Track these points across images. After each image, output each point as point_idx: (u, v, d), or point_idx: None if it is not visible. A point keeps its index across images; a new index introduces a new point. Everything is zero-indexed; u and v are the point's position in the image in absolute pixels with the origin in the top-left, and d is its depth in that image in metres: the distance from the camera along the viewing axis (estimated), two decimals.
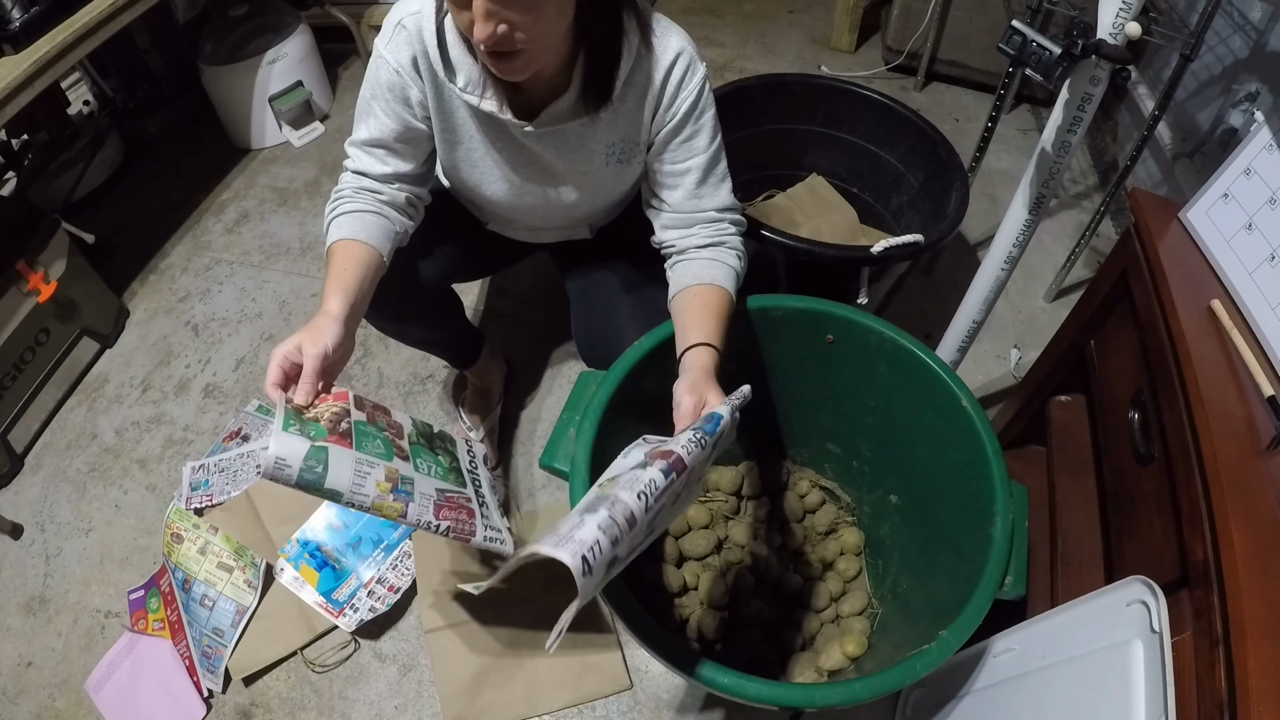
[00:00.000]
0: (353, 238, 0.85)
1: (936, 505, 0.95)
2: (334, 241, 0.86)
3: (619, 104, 0.86)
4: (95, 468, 1.41)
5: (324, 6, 2.13)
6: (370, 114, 0.89)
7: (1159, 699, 0.57)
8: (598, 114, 0.85)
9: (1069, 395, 1.07)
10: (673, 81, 0.86)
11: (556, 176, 0.95)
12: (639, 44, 0.83)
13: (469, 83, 0.84)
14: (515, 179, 0.95)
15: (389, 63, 0.85)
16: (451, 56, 0.83)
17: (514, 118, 0.85)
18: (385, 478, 0.77)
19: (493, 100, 0.84)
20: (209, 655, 1.13)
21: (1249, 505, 0.59)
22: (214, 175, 1.99)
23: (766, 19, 2.42)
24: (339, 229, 0.87)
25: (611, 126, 0.89)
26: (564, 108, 0.85)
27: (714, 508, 1.14)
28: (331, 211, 0.89)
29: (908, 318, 1.53)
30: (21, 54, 1.29)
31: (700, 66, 0.87)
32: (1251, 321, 0.72)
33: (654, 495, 0.60)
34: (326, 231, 0.89)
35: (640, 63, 0.84)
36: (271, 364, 0.74)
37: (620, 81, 0.83)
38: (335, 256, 0.85)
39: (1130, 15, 0.73)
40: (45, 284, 1.42)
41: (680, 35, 0.86)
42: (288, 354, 0.74)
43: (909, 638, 0.84)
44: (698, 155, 0.90)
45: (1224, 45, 1.45)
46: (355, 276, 0.83)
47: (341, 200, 0.89)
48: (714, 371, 0.79)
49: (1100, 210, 1.46)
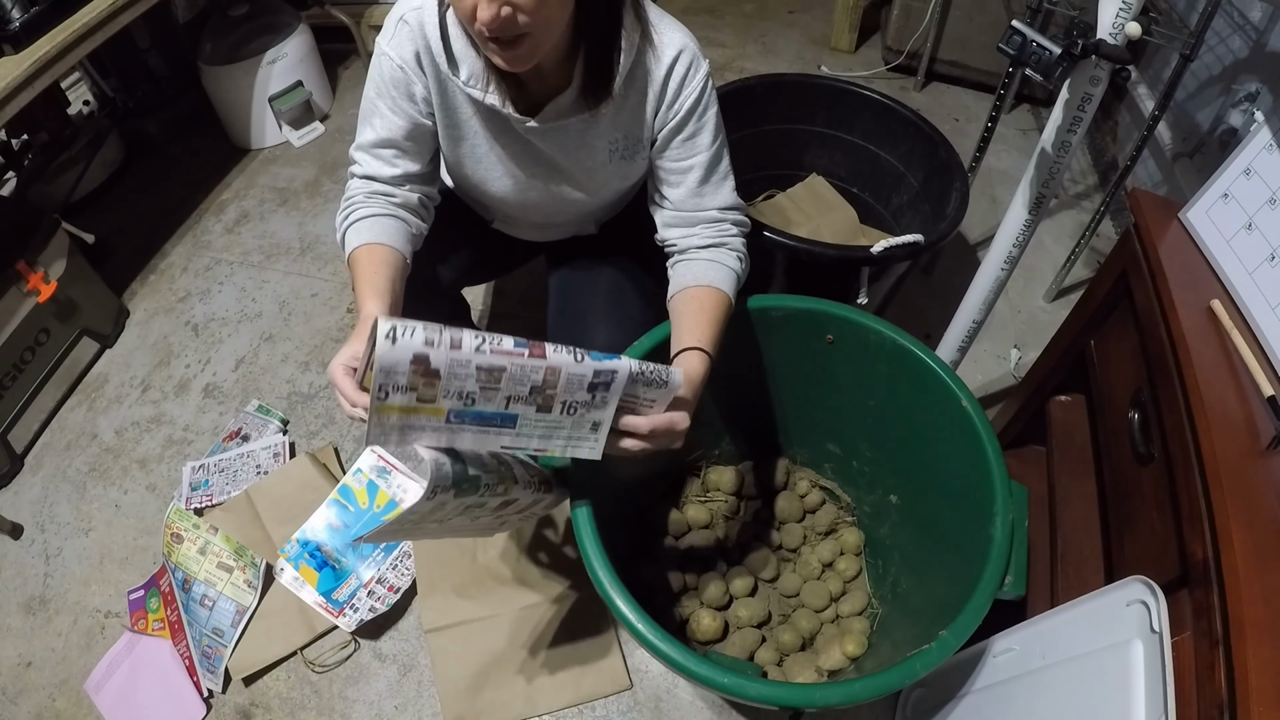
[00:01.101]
0: (375, 242, 0.84)
1: (936, 505, 0.95)
2: (355, 248, 0.85)
3: (621, 100, 0.86)
4: (95, 468, 1.41)
5: (324, 6, 2.13)
6: (376, 113, 0.88)
7: (1159, 699, 0.57)
8: (599, 110, 0.85)
9: (1069, 395, 1.07)
10: (675, 79, 0.86)
11: (560, 172, 0.95)
12: (639, 39, 0.83)
13: (472, 76, 0.83)
14: (520, 175, 0.95)
15: (393, 59, 0.84)
16: (455, 50, 0.83)
17: (515, 113, 0.85)
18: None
19: (496, 95, 0.83)
20: (209, 655, 1.13)
21: (1249, 505, 0.59)
22: (214, 175, 1.99)
23: (766, 19, 2.42)
24: (358, 235, 0.86)
25: (614, 123, 0.89)
26: (566, 104, 0.85)
27: (714, 508, 1.14)
28: (345, 220, 0.88)
29: (908, 318, 1.52)
30: (21, 54, 1.29)
31: (703, 64, 0.87)
32: (1251, 321, 0.72)
33: (490, 351, 0.60)
34: (343, 240, 0.88)
35: (641, 58, 0.84)
36: (342, 383, 0.70)
37: (620, 77, 0.83)
38: (361, 262, 0.83)
39: (1130, 15, 0.73)
40: (45, 284, 1.42)
41: (682, 32, 0.86)
42: (347, 364, 0.71)
43: (909, 638, 0.84)
44: (700, 153, 0.89)
45: (1224, 45, 1.45)
46: (386, 279, 0.82)
47: (354, 207, 0.88)
48: (701, 378, 0.80)
49: (1100, 210, 1.46)
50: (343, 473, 1.30)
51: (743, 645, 1.02)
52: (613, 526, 0.90)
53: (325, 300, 1.66)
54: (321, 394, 1.48)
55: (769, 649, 1.04)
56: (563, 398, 0.66)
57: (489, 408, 0.64)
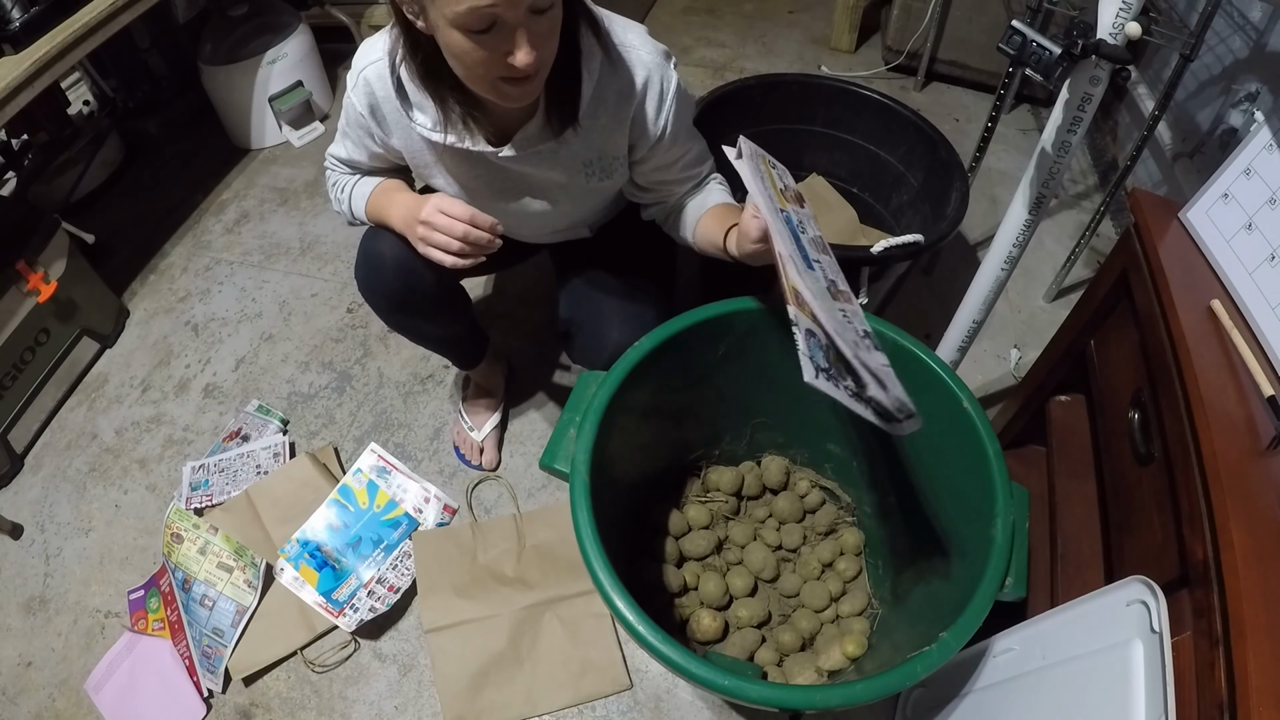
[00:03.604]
0: (383, 180, 0.98)
1: (937, 506, 0.95)
2: (370, 191, 0.97)
3: (591, 121, 0.86)
4: (95, 468, 1.41)
5: (324, 6, 2.13)
6: (346, 138, 0.97)
7: (1159, 699, 0.57)
8: (564, 135, 0.86)
9: (1069, 395, 1.07)
10: (650, 105, 0.87)
11: (537, 192, 0.97)
12: (601, 62, 0.83)
13: (435, 124, 0.85)
14: (496, 199, 0.97)
15: (355, 106, 0.89)
16: (413, 100, 0.85)
17: (487, 146, 0.86)
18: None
19: (463, 135, 0.85)
20: (209, 655, 1.13)
21: (1249, 505, 0.59)
22: (214, 175, 1.99)
23: (766, 19, 2.42)
24: (363, 187, 0.99)
25: (588, 144, 0.89)
26: (533, 131, 0.86)
27: (714, 508, 1.14)
28: (340, 187, 1.00)
29: (908, 318, 1.52)
30: (21, 54, 1.29)
31: (672, 81, 0.88)
32: (1251, 321, 0.72)
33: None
34: (349, 203, 1.00)
35: (607, 79, 0.84)
36: (478, 221, 0.82)
37: (584, 100, 0.83)
38: (380, 187, 0.97)
39: (1130, 15, 0.73)
40: (45, 284, 1.42)
41: (649, 50, 0.86)
42: (457, 210, 0.82)
43: (909, 638, 0.84)
44: (678, 158, 0.94)
45: (1224, 45, 1.45)
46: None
47: (342, 178, 1.01)
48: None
49: (1100, 210, 1.46)
50: (343, 473, 1.31)
51: (743, 645, 1.02)
52: (613, 526, 0.90)
53: (325, 300, 1.66)
54: (321, 394, 1.48)
55: (769, 649, 1.04)
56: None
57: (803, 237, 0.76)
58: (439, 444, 1.39)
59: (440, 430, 1.41)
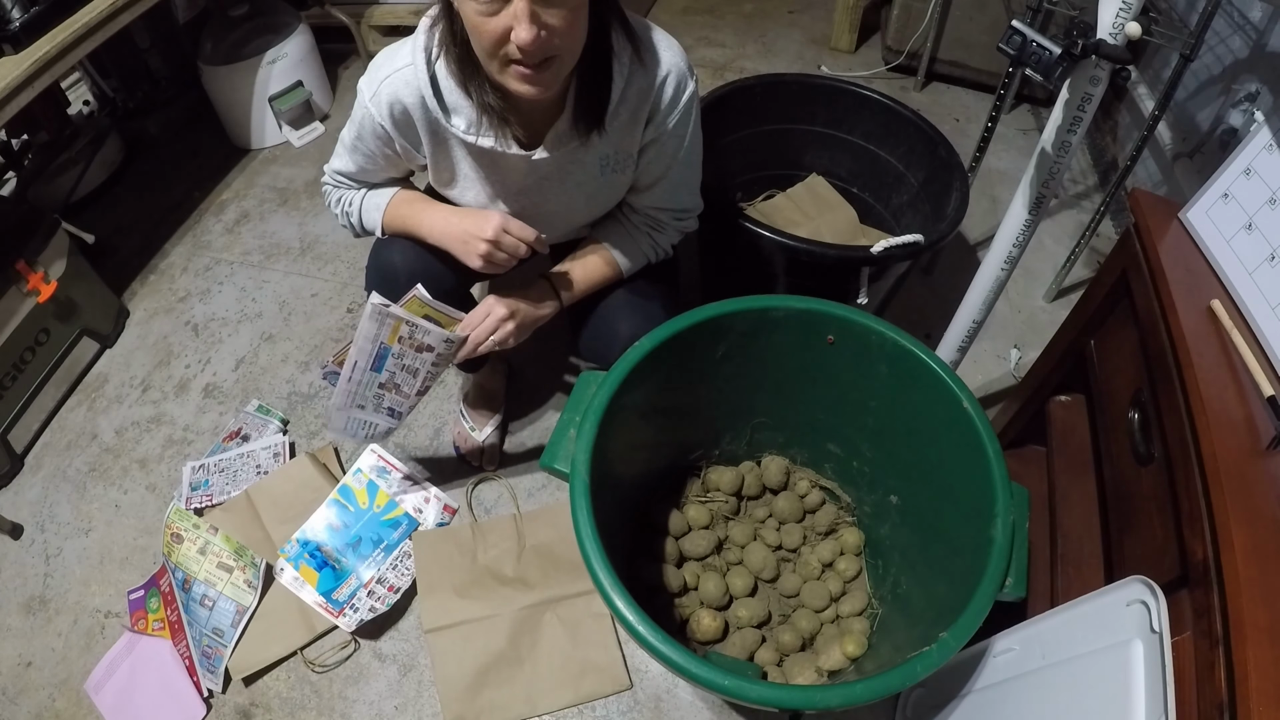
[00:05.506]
0: (397, 189, 1.01)
1: (937, 506, 0.95)
2: (388, 201, 0.99)
3: (613, 118, 0.87)
4: (95, 468, 1.41)
5: (324, 6, 2.13)
6: (356, 152, 0.95)
7: (1159, 699, 0.57)
8: (593, 133, 0.87)
9: (1069, 395, 1.07)
10: (665, 99, 0.88)
11: (553, 192, 0.97)
12: (630, 61, 0.84)
13: (470, 125, 0.86)
14: (513, 200, 0.98)
15: (373, 116, 0.88)
16: (448, 102, 0.86)
17: (518, 149, 0.87)
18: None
19: (495, 137, 0.86)
20: (209, 655, 1.13)
21: (1249, 505, 0.59)
22: (214, 175, 1.99)
23: (766, 19, 2.42)
24: (375, 199, 1.00)
25: (607, 140, 0.90)
26: (563, 130, 0.86)
27: (714, 508, 1.14)
28: (346, 201, 1.01)
29: (908, 318, 1.52)
30: (21, 54, 1.29)
31: (690, 84, 0.89)
32: (1251, 321, 0.72)
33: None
34: (359, 215, 1.01)
35: (634, 79, 0.85)
36: (522, 233, 0.90)
37: (613, 103, 0.84)
38: (397, 197, 0.99)
39: (1130, 15, 0.73)
40: (45, 284, 1.42)
41: (672, 51, 0.88)
42: (519, 230, 0.89)
43: (909, 638, 0.84)
44: (674, 168, 0.95)
45: (1224, 45, 1.45)
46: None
47: (347, 194, 1.01)
48: (532, 297, 0.98)
49: (1100, 210, 1.46)
50: (343, 473, 1.31)
51: (743, 645, 1.02)
52: (613, 526, 0.90)
53: (325, 300, 1.66)
54: (322, 394, 1.48)
55: (769, 649, 1.04)
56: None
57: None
58: (439, 444, 1.39)
59: (440, 430, 1.41)
